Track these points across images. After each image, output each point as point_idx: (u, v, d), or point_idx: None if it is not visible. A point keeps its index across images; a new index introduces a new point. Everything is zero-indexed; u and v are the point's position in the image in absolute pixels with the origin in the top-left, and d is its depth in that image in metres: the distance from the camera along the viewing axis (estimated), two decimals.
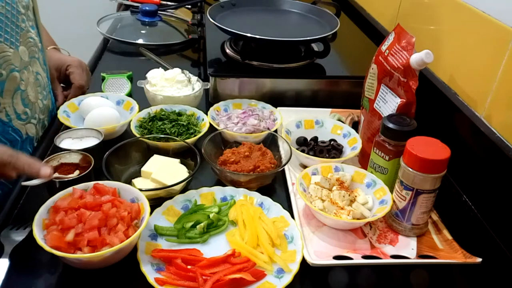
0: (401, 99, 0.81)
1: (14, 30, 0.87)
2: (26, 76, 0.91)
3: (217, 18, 1.19)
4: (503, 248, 0.77)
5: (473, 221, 0.83)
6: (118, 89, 1.13)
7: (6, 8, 0.84)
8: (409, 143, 0.72)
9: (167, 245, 0.71)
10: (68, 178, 0.75)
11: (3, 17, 0.84)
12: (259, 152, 0.87)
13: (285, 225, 0.74)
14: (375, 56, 0.89)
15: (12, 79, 0.86)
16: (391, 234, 0.77)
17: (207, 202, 0.79)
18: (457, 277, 0.71)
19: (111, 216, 0.66)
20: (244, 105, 1.06)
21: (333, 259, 0.71)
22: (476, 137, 0.86)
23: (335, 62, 1.23)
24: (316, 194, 0.78)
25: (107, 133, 0.89)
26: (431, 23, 1.08)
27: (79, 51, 1.39)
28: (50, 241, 0.62)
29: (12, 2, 0.87)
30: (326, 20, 1.26)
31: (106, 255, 0.63)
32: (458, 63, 0.96)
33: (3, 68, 0.83)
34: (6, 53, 0.84)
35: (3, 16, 0.83)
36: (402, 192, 0.74)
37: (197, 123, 0.97)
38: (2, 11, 0.83)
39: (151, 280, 0.63)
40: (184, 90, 1.06)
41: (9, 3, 0.86)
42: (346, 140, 0.95)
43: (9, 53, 0.85)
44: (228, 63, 1.17)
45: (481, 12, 0.88)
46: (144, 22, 1.55)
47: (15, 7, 0.88)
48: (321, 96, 1.14)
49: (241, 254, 0.69)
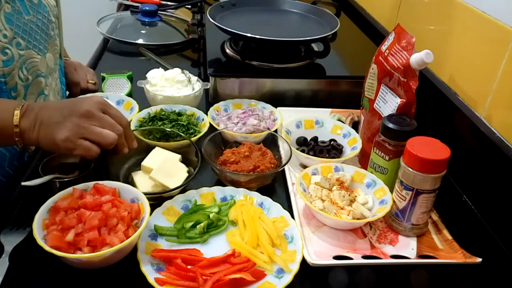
0: (401, 99, 0.81)
1: (43, 38, 0.90)
2: (50, 82, 0.94)
3: (217, 18, 1.19)
4: (503, 248, 0.77)
5: (473, 221, 0.83)
6: (118, 89, 1.13)
7: (37, 17, 0.87)
8: (409, 143, 0.72)
9: (167, 245, 0.71)
10: (68, 178, 0.75)
11: (34, 25, 0.86)
12: (259, 152, 0.87)
13: (285, 225, 0.74)
14: (375, 56, 0.89)
15: (37, 83, 0.88)
16: (391, 234, 0.77)
17: (207, 202, 0.79)
18: (457, 277, 0.71)
19: (111, 216, 0.66)
20: (244, 105, 1.06)
21: (333, 259, 0.71)
22: (476, 137, 0.86)
23: (335, 62, 1.23)
24: (316, 194, 0.78)
25: None
26: (431, 23, 1.08)
27: (79, 51, 1.39)
28: (50, 241, 0.62)
29: (44, 11, 0.90)
30: (326, 20, 1.26)
31: (106, 255, 0.63)
32: (458, 63, 0.96)
33: (30, 74, 0.86)
34: (33, 59, 0.86)
35: (34, 25, 0.86)
36: (402, 192, 0.74)
37: (197, 123, 0.97)
38: (33, 20, 0.86)
39: (151, 280, 0.63)
40: (184, 90, 1.06)
41: (41, 12, 0.89)
42: (346, 140, 0.95)
43: (36, 59, 0.87)
44: (228, 63, 1.17)
45: (481, 12, 0.88)
46: (144, 22, 1.55)
47: (47, 16, 0.91)
48: (321, 96, 1.14)
49: (241, 254, 0.69)
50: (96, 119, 0.70)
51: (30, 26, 0.85)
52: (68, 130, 0.69)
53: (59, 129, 0.69)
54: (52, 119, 0.69)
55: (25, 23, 0.84)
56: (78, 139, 0.69)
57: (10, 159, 0.87)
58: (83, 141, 0.70)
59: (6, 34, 0.79)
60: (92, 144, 0.70)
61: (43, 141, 0.70)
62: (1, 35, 0.78)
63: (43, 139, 0.70)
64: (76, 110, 0.70)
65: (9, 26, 0.80)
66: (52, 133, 0.69)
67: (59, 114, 0.70)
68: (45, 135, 0.69)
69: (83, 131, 0.69)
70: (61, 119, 0.69)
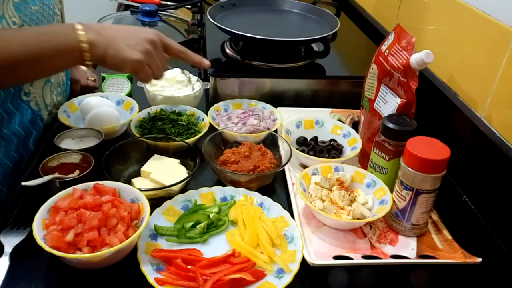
0: (401, 99, 0.81)
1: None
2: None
3: (217, 18, 1.19)
4: (503, 248, 0.77)
5: (473, 221, 0.83)
6: (118, 89, 1.13)
7: (43, 8, 0.90)
8: (409, 143, 0.72)
9: (167, 245, 0.71)
10: (68, 178, 0.75)
11: (41, 15, 0.89)
12: (259, 152, 0.87)
13: (285, 225, 0.74)
14: (375, 56, 0.89)
15: None
16: (391, 234, 0.77)
17: (207, 202, 0.79)
18: (457, 277, 0.71)
19: (111, 216, 0.66)
20: (244, 105, 1.06)
21: (333, 259, 0.71)
22: (476, 137, 0.86)
23: (335, 62, 1.23)
24: (316, 194, 0.78)
25: (107, 133, 0.89)
26: (431, 23, 1.08)
27: None
28: (50, 241, 0.62)
29: (50, 4, 0.93)
30: (326, 20, 1.26)
31: (106, 255, 0.63)
32: (458, 63, 0.96)
33: None
34: None
35: (40, 15, 0.89)
36: (402, 192, 0.74)
37: (197, 123, 0.97)
38: (40, 11, 0.88)
39: (151, 280, 0.63)
40: (184, 90, 1.06)
41: (47, 4, 0.91)
42: (346, 140, 0.95)
43: None
44: (228, 63, 1.17)
45: (481, 12, 0.88)
46: (144, 22, 1.55)
47: (52, 8, 0.94)
48: (321, 96, 1.14)
49: (241, 254, 0.69)
50: (158, 50, 0.80)
51: (37, 16, 0.87)
52: (141, 54, 0.76)
53: (132, 51, 0.76)
54: (124, 40, 0.76)
55: (32, 13, 0.86)
56: (145, 65, 0.78)
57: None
58: (148, 67, 0.78)
59: (15, 21, 0.82)
60: (151, 72, 0.79)
61: (111, 58, 0.76)
62: (10, 21, 0.81)
63: (111, 56, 0.75)
64: (145, 37, 0.78)
65: (18, 14, 0.83)
66: (124, 53, 0.75)
67: (131, 37, 0.77)
68: (115, 53, 0.75)
69: (151, 60, 0.78)
70: (133, 42, 0.77)
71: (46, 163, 0.77)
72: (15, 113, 0.87)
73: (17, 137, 0.88)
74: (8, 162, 0.87)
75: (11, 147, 0.87)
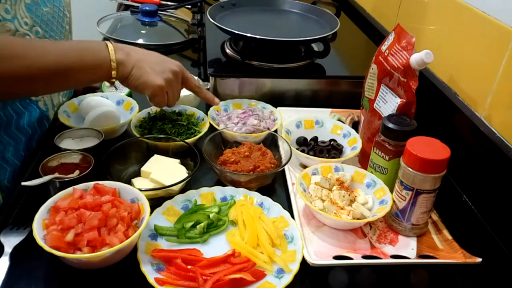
0: (401, 99, 0.81)
1: (59, 30, 0.95)
2: None
3: (217, 18, 1.19)
4: (503, 248, 0.77)
5: (473, 221, 0.83)
6: (118, 89, 1.13)
7: (54, 10, 0.92)
8: (409, 143, 0.72)
9: (167, 245, 0.71)
10: (68, 178, 0.75)
11: (51, 17, 0.91)
12: (259, 152, 0.87)
13: (285, 225, 0.74)
14: (375, 56, 0.89)
15: None
16: (391, 234, 0.77)
17: (207, 202, 0.79)
18: (457, 277, 0.71)
19: (111, 216, 0.66)
20: (244, 105, 1.06)
21: (333, 259, 0.71)
22: (476, 137, 0.86)
23: (335, 62, 1.23)
24: (316, 194, 0.78)
25: (107, 133, 0.89)
26: (431, 23, 1.08)
27: None
28: (50, 241, 0.62)
29: (60, 5, 0.95)
30: (326, 20, 1.26)
31: (106, 255, 0.63)
32: (458, 63, 0.96)
33: None
34: None
35: (51, 16, 0.91)
36: (402, 192, 0.74)
37: (197, 123, 0.97)
38: (51, 12, 0.91)
39: (151, 280, 0.63)
40: (184, 90, 1.06)
41: (57, 6, 0.94)
42: (346, 140, 0.95)
43: None
44: (228, 63, 1.17)
45: (481, 12, 0.88)
46: (144, 22, 1.55)
47: (62, 10, 0.96)
48: (321, 96, 1.14)
49: (241, 254, 0.69)
50: (178, 81, 0.86)
51: (47, 17, 0.89)
52: (164, 81, 0.81)
53: (156, 76, 0.81)
54: (150, 65, 0.81)
55: (43, 14, 0.88)
56: (165, 92, 0.83)
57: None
58: (165, 94, 0.83)
59: (26, 22, 0.83)
60: (166, 99, 0.85)
61: (135, 79, 0.80)
62: (22, 22, 0.83)
63: (136, 77, 0.80)
64: (170, 67, 0.83)
65: (29, 15, 0.84)
66: (148, 76, 0.80)
67: (157, 63, 0.82)
68: (140, 75, 0.80)
69: (170, 88, 0.83)
70: (159, 69, 0.82)
71: (46, 163, 0.77)
72: (24, 112, 0.88)
73: (25, 136, 0.89)
74: (17, 161, 0.88)
75: (19, 146, 0.88)
